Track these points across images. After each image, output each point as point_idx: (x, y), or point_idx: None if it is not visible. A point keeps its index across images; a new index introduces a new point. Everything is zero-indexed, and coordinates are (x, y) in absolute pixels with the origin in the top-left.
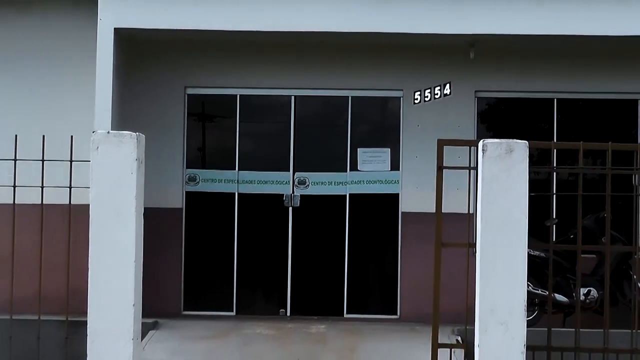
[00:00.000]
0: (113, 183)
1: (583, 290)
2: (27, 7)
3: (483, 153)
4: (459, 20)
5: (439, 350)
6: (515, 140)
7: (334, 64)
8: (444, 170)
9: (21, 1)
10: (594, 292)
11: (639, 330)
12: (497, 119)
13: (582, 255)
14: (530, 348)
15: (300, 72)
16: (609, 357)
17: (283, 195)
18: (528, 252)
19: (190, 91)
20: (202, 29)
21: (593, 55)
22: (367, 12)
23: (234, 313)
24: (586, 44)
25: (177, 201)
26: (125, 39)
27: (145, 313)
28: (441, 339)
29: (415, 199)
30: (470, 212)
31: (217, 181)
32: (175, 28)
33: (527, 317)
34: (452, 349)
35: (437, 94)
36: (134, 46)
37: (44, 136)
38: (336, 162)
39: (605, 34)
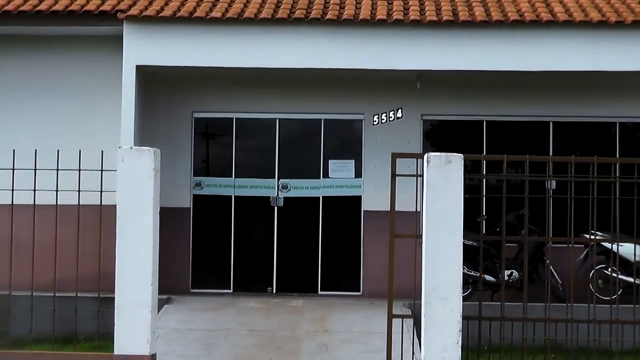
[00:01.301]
0: (135, 188)
1: (507, 272)
2: (62, 46)
3: (427, 163)
4: (408, 59)
5: (393, 319)
6: (453, 153)
7: (309, 93)
8: (396, 177)
9: (58, 42)
10: (515, 274)
11: (551, 303)
12: (439, 137)
13: (506, 244)
14: (465, 318)
15: (283, 100)
16: (528, 325)
17: (270, 197)
18: (463, 242)
19: (196, 115)
20: (206, 66)
21: (512, 86)
22: (336, 52)
23: (231, 290)
24: (505, 77)
25: (186, 202)
26: (144, 73)
27: (161, 291)
28: (395, 311)
29: (374, 200)
30: (418, 210)
31: (218, 186)
32: (184, 65)
33: (463, 293)
34: (404, 319)
35: (391, 117)
36: (151, 78)
37: (80, 151)
38: (312, 171)
39: (518, 69)
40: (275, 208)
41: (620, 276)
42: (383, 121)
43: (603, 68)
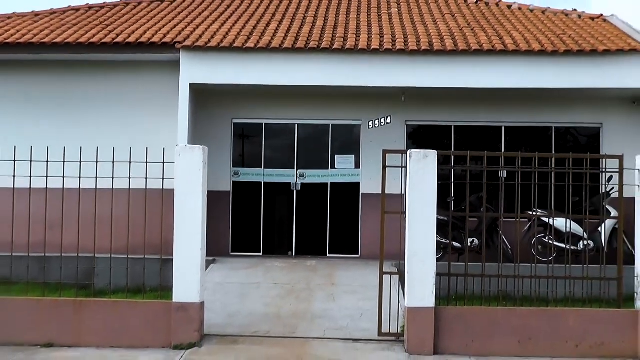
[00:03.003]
0: (188, 176)
1: (470, 240)
2: (132, 69)
3: (410, 158)
4: (395, 79)
5: (384, 276)
6: (429, 150)
7: (320, 104)
8: (386, 168)
9: (128, 66)
10: (476, 241)
11: (503, 263)
12: (419, 138)
13: (469, 219)
14: (438, 274)
15: (300, 109)
16: (485, 280)
17: (290, 183)
18: (437, 217)
19: (235, 121)
20: (242, 84)
21: (474, 99)
22: (340, 73)
23: (261, 254)
24: (469, 92)
25: (227, 187)
26: (195, 89)
27: (208, 254)
28: (385, 269)
29: (369, 185)
30: (402, 193)
31: (251, 175)
32: (226, 83)
33: (436, 256)
34: (392, 275)
35: (382, 122)
36: (200, 93)
37: (147, 148)
38: (322, 163)
39: (478, 86)
40: (295, 191)
41: (555, 243)
42: (376, 125)
43: (542, 85)
